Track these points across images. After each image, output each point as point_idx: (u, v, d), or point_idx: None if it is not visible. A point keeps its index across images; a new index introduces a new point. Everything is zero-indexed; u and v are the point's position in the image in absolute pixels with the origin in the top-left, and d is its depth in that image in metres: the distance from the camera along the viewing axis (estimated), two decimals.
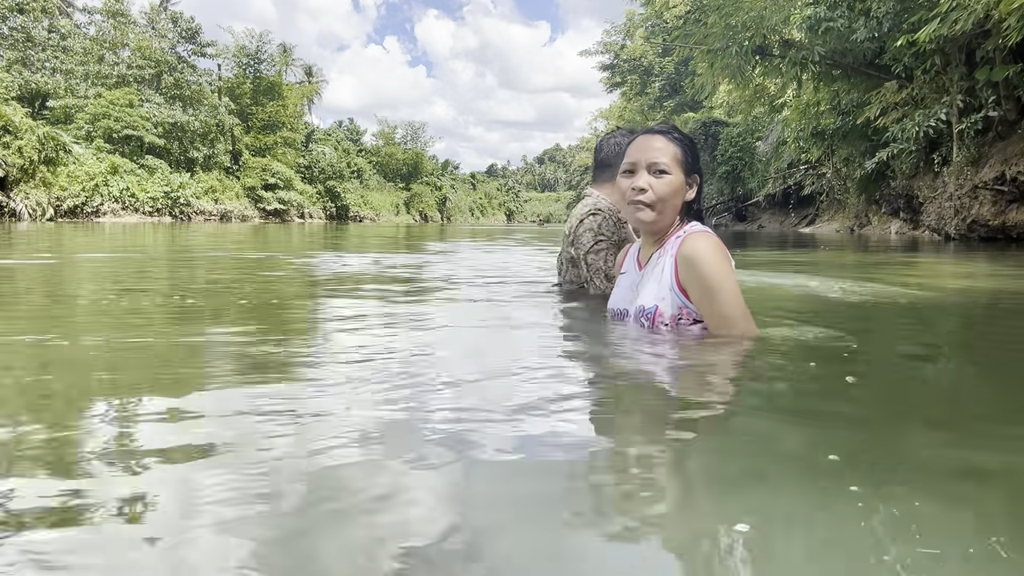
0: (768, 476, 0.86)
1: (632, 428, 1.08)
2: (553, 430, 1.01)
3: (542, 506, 0.77)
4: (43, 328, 1.95)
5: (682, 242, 1.60)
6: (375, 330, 1.99)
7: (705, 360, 1.45)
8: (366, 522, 0.72)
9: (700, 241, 1.57)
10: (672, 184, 1.63)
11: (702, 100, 28.81)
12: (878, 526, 0.70)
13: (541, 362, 1.50)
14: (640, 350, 1.53)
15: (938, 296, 3.15)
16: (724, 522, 0.71)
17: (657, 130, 1.69)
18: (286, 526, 0.71)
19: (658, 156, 1.63)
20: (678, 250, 1.59)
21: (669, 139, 1.65)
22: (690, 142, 1.69)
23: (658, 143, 1.64)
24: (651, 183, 1.63)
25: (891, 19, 10.57)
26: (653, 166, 1.63)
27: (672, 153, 1.63)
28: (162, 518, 0.73)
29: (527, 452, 0.93)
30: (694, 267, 1.54)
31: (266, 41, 42.75)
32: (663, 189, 1.62)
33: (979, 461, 0.92)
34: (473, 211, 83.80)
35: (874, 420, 1.12)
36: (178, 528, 0.71)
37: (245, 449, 0.93)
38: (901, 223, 14.28)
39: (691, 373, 1.38)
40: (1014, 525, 0.73)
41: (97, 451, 0.92)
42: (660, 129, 1.69)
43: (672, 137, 1.66)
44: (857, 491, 0.78)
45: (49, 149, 22.92)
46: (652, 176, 1.63)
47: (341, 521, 0.72)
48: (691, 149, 1.68)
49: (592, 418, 1.11)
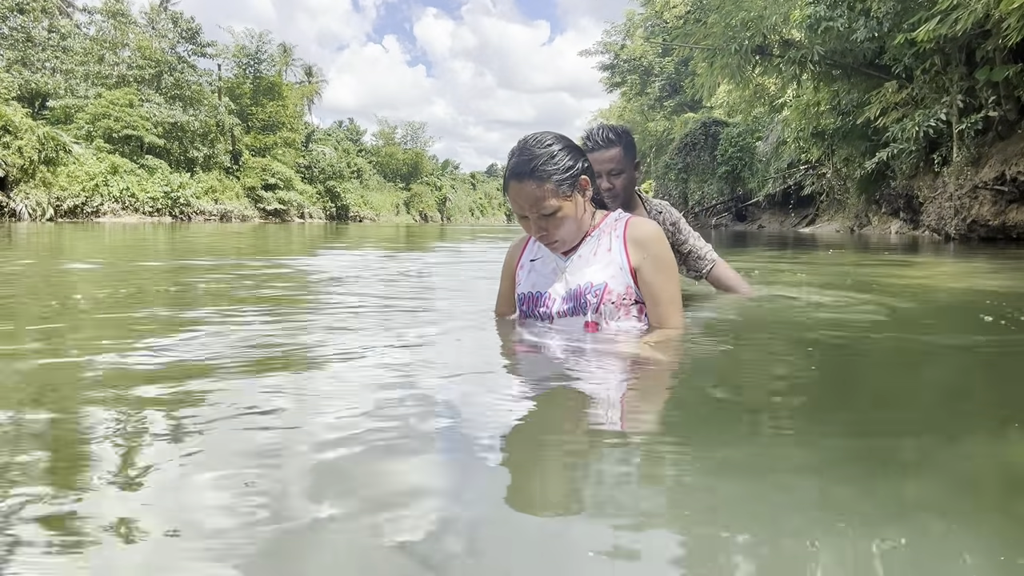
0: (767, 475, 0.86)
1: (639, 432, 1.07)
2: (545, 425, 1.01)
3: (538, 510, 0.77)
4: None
5: (627, 225, 1.64)
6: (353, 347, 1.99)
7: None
8: (356, 522, 0.72)
9: (647, 224, 1.63)
10: (564, 215, 1.56)
11: (702, 100, 28.79)
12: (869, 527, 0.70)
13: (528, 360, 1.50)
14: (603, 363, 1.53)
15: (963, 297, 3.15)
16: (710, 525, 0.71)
17: (517, 173, 1.55)
18: (283, 529, 0.71)
19: (534, 206, 1.55)
20: (625, 233, 1.62)
21: (535, 180, 1.53)
22: (559, 158, 1.54)
23: (527, 190, 1.54)
24: (545, 227, 1.58)
25: (891, 19, 10.56)
26: (534, 213, 1.56)
27: (546, 192, 1.53)
28: (157, 521, 0.73)
29: (528, 454, 0.93)
30: (647, 248, 1.59)
31: (266, 41, 42.81)
32: (558, 226, 1.58)
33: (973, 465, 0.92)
34: (473, 211, 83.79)
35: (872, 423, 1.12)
36: (173, 528, 0.70)
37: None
38: (901, 223, 14.27)
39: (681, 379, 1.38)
40: (1014, 525, 0.73)
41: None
42: (519, 171, 1.54)
43: (536, 175, 1.52)
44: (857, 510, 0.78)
45: (49, 149, 22.92)
46: (540, 220, 1.57)
47: (337, 521, 0.72)
48: (563, 166, 1.54)
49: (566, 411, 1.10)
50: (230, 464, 0.88)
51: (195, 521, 0.72)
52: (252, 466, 0.87)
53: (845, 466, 0.90)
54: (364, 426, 1.03)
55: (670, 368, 1.40)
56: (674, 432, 1.04)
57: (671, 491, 0.82)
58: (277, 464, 0.88)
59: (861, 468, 0.89)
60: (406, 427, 1.04)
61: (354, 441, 0.96)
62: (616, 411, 1.15)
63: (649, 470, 0.87)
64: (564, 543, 0.69)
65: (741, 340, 1.85)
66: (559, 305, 1.65)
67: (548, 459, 0.92)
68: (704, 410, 1.16)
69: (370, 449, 0.94)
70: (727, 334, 1.89)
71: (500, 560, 0.65)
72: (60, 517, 0.72)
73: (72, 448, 0.95)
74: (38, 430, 1.03)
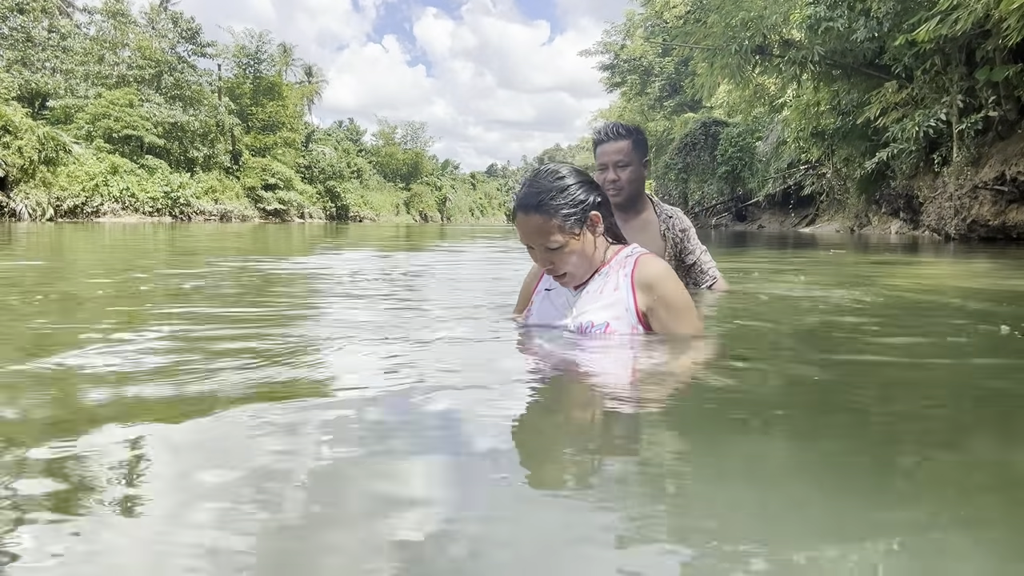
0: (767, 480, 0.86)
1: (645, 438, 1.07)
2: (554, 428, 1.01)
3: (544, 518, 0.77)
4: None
5: (636, 264, 1.56)
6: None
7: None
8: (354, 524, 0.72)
9: (656, 264, 1.56)
10: (571, 250, 1.53)
11: (702, 100, 28.79)
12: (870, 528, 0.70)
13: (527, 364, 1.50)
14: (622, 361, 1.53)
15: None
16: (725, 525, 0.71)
17: (523, 205, 1.52)
18: (281, 531, 0.71)
19: (539, 239, 1.53)
20: (634, 273, 1.55)
21: (541, 214, 1.50)
22: (569, 192, 1.51)
23: (533, 223, 1.52)
24: (551, 260, 1.55)
25: (891, 19, 10.55)
26: (541, 246, 1.54)
27: (552, 227, 1.50)
28: (155, 520, 0.73)
29: (529, 454, 0.93)
30: (655, 291, 1.52)
31: (266, 41, 42.81)
32: (565, 259, 1.54)
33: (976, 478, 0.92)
34: (473, 211, 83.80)
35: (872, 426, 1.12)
36: (172, 529, 0.70)
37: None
38: (901, 223, 14.28)
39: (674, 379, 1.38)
40: (1013, 524, 0.73)
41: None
42: (526, 203, 1.52)
43: (542, 209, 1.50)
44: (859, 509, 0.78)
45: (49, 149, 22.92)
46: (547, 253, 1.54)
47: (335, 522, 0.72)
48: (572, 201, 1.51)
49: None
50: (230, 461, 0.88)
51: (193, 521, 0.72)
52: (252, 463, 0.87)
53: (845, 467, 0.90)
54: (364, 424, 1.03)
55: (681, 371, 1.39)
56: (674, 433, 1.04)
57: (672, 491, 0.82)
58: (277, 463, 0.88)
59: (861, 469, 0.89)
60: (407, 426, 1.04)
61: (355, 439, 0.96)
62: (618, 412, 1.15)
63: (649, 471, 0.87)
64: (565, 543, 0.68)
65: (743, 340, 1.85)
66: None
67: (549, 458, 0.92)
68: (704, 411, 1.16)
69: (371, 447, 0.94)
70: (730, 336, 1.89)
71: (501, 562, 0.65)
72: (65, 498, 0.72)
73: (75, 437, 0.95)
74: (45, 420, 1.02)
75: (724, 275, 2.68)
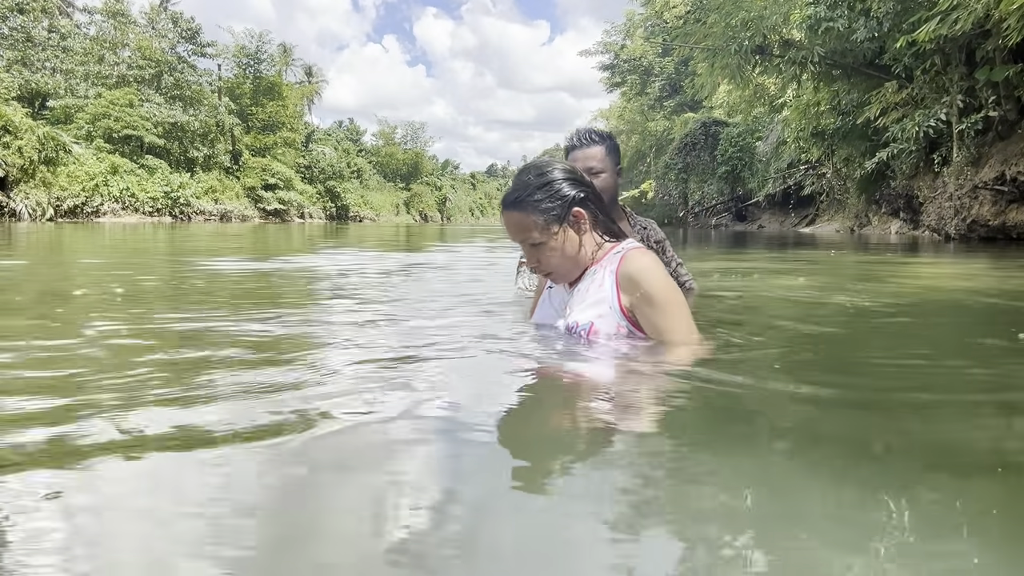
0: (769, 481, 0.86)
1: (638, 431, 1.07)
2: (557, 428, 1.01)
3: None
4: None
5: (622, 259, 1.50)
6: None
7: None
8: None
9: (641, 259, 1.49)
10: (555, 248, 1.50)
11: (702, 100, 28.79)
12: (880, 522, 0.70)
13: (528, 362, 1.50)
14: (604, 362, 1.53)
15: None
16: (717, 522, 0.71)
17: (504, 201, 1.53)
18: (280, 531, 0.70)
19: (520, 234, 1.51)
20: (619, 269, 1.49)
21: (519, 210, 1.49)
22: (551, 188, 1.49)
23: (513, 219, 1.51)
24: (536, 257, 1.53)
25: (891, 19, 10.55)
26: (525, 243, 1.52)
27: (530, 224, 1.48)
28: (150, 518, 0.73)
29: (529, 455, 0.93)
30: (638, 286, 1.46)
31: (266, 41, 42.85)
32: (550, 257, 1.52)
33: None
34: (473, 211, 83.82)
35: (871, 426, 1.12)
36: (166, 526, 0.70)
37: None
38: (901, 223, 14.28)
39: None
40: (1012, 522, 0.73)
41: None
42: (506, 199, 1.52)
43: (520, 205, 1.49)
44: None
45: (49, 149, 22.93)
46: (531, 250, 1.52)
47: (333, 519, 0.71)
48: (553, 197, 1.48)
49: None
50: (229, 458, 0.88)
51: (193, 514, 0.72)
52: (251, 461, 0.87)
53: (846, 469, 0.90)
54: (364, 423, 1.03)
55: (676, 371, 1.39)
56: (674, 433, 1.04)
57: (671, 492, 0.82)
58: (276, 462, 0.88)
59: (862, 470, 0.89)
60: (407, 425, 1.04)
61: (354, 437, 0.96)
62: (619, 413, 1.15)
63: (649, 473, 0.87)
64: (565, 543, 0.68)
65: (744, 341, 1.85)
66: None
67: (548, 459, 0.92)
68: (705, 413, 1.16)
69: (370, 446, 0.94)
70: (730, 335, 1.89)
71: (500, 560, 0.65)
72: (66, 489, 0.72)
73: (77, 422, 0.95)
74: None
75: (723, 275, 2.67)
